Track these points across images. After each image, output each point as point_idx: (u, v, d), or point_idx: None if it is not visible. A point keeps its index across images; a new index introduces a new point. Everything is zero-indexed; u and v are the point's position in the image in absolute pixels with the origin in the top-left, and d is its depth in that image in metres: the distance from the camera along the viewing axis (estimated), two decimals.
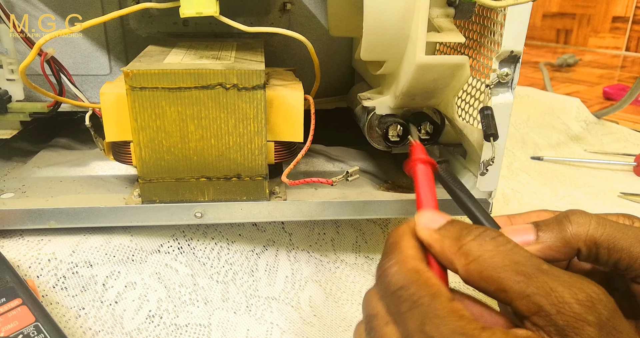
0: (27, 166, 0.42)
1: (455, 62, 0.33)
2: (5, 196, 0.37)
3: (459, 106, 0.41)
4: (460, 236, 0.22)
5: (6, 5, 0.44)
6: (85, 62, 0.49)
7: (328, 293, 0.40)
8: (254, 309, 0.37)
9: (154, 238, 0.37)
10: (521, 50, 0.33)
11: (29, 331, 0.27)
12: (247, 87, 0.32)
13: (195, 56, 0.36)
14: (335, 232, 0.43)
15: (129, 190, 0.38)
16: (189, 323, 0.35)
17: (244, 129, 0.33)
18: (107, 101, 0.33)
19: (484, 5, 0.30)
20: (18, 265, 0.33)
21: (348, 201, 0.37)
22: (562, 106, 0.88)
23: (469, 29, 0.39)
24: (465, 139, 0.39)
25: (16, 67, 0.41)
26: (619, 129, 0.84)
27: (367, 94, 0.39)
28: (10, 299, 0.28)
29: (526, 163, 0.70)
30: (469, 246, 0.21)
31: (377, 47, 0.33)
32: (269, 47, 0.51)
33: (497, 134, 0.33)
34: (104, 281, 0.34)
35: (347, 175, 0.33)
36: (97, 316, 0.33)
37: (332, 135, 0.48)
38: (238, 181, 0.35)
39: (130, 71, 0.31)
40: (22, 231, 0.36)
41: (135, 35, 0.48)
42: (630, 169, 0.69)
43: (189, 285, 0.37)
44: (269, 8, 0.49)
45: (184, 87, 0.32)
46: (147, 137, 0.33)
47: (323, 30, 0.51)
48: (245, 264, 0.39)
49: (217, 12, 0.32)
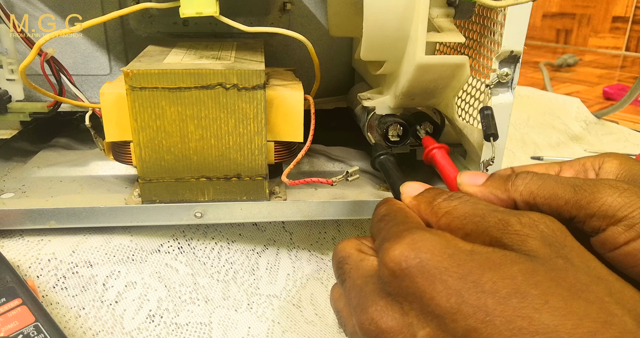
0: (27, 166, 0.42)
1: (455, 62, 0.33)
2: (5, 196, 0.37)
3: (459, 106, 0.41)
4: (433, 199, 0.25)
5: (6, 5, 0.44)
6: (85, 62, 0.49)
7: (330, 291, 0.40)
8: (255, 307, 0.37)
9: (154, 238, 0.37)
10: (521, 50, 0.33)
11: (29, 331, 0.27)
12: (247, 87, 0.32)
13: (195, 56, 0.36)
14: (336, 231, 0.43)
15: (129, 190, 0.38)
16: (190, 322, 0.35)
17: (244, 129, 0.34)
18: (107, 101, 0.33)
19: (484, 5, 0.30)
20: (18, 265, 0.33)
21: (348, 201, 0.37)
22: (562, 106, 0.88)
23: (469, 29, 0.39)
24: (465, 139, 0.39)
25: (16, 67, 0.41)
26: (619, 129, 0.84)
27: (367, 94, 0.39)
28: (10, 299, 0.28)
29: (526, 163, 0.70)
30: (440, 205, 0.24)
31: (377, 47, 0.33)
32: (269, 47, 0.51)
33: (497, 134, 0.33)
34: (104, 281, 0.34)
35: (347, 175, 0.33)
36: (97, 316, 0.33)
37: (332, 135, 0.48)
38: (238, 181, 0.35)
39: (130, 71, 0.31)
40: (22, 231, 0.36)
41: (135, 35, 0.48)
42: None
43: (189, 284, 0.37)
44: (269, 8, 0.49)
45: (184, 87, 0.32)
46: (147, 137, 0.33)
47: (323, 30, 0.51)
48: (246, 263, 0.39)
49: (217, 12, 0.32)
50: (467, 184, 0.27)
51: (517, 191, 0.25)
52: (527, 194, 0.24)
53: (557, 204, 0.23)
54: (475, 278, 0.19)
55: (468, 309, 0.18)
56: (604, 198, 0.22)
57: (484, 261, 0.19)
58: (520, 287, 0.18)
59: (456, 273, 0.19)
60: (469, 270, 0.19)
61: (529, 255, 0.20)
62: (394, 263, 0.20)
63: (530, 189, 0.24)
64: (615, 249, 0.22)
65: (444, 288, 0.19)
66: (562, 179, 0.24)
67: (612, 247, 0.22)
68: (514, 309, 0.18)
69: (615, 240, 0.22)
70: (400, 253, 0.20)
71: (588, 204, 0.22)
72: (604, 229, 0.22)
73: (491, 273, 0.19)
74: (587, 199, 0.22)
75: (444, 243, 0.20)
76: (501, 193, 0.25)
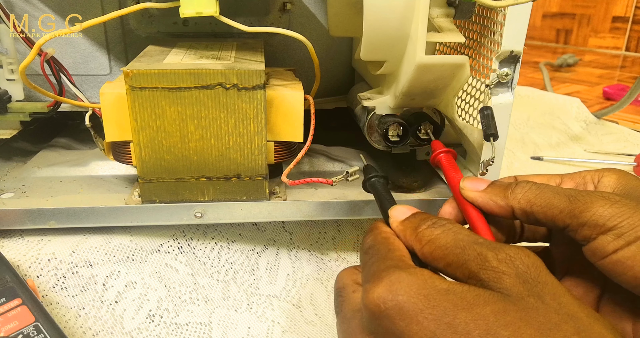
0: (27, 166, 0.42)
1: (455, 62, 0.33)
2: (5, 196, 0.37)
3: (459, 106, 0.41)
4: (418, 225, 0.25)
5: (6, 5, 0.44)
6: (85, 62, 0.49)
7: (330, 291, 0.40)
8: (255, 307, 0.37)
9: (154, 238, 0.37)
10: (521, 50, 0.33)
11: (29, 331, 0.27)
12: (247, 87, 0.32)
13: (195, 56, 0.36)
14: (336, 231, 0.43)
15: (129, 190, 0.38)
16: (190, 321, 0.35)
17: (244, 129, 0.34)
18: (107, 101, 0.33)
19: (484, 5, 0.30)
20: (18, 265, 0.33)
21: (348, 201, 0.37)
22: (562, 106, 0.88)
23: (469, 29, 0.39)
24: (465, 139, 0.39)
25: (16, 67, 0.41)
26: (619, 129, 0.84)
27: (367, 94, 0.39)
28: (10, 299, 0.28)
29: (526, 163, 0.70)
30: (423, 232, 0.25)
31: (377, 47, 0.33)
32: (269, 47, 0.51)
33: (497, 134, 0.33)
34: (104, 281, 0.34)
35: (347, 175, 0.33)
36: (97, 316, 0.33)
37: (332, 135, 0.48)
38: (238, 181, 0.35)
39: (130, 70, 0.31)
40: (22, 231, 0.36)
41: (135, 35, 0.48)
42: (631, 169, 0.69)
43: (189, 284, 0.37)
44: (269, 8, 0.49)
45: (184, 87, 0.32)
46: (147, 137, 0.33)
47: (323, 30, 0.51)
48: (246, 263, 0.39)
49: (217, 12, 0.32)
50: (469, 189, 0.28)
51: (516, 199, 0.26)
52: (525, 202, 0.25)
53: (552, 213, 0.24)
54: (449, 319, 0.20)
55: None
56: (595, 208, 0.23)
57: (458, 301, 0.20)
58: (491, 328, 0.19)
59: (431, 314, 0.20)
60: (444, 311, 0.20)
61: (503, 293, 0.20)
62: (373, 305, 0.21)
63: (528, 198, 0.25)
64: (604, 257, 0.23)
65: (420, 329, 0.20)
66: (559, 189, 0.25)
67: (602, 255, 0.23)
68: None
69: (605, 248, 0.23)
70: (379, 296, 0.21)
71: (581, 213, 0.23)
72: (594, 238, 0.23)
73: (464, 313, 0.20)
74: (580, 209, 0.23)
75: (421, 283, 0.21)
76: (500, 200, 0.26)
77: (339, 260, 0.42)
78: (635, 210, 0.22)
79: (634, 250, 0.22)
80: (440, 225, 0.25)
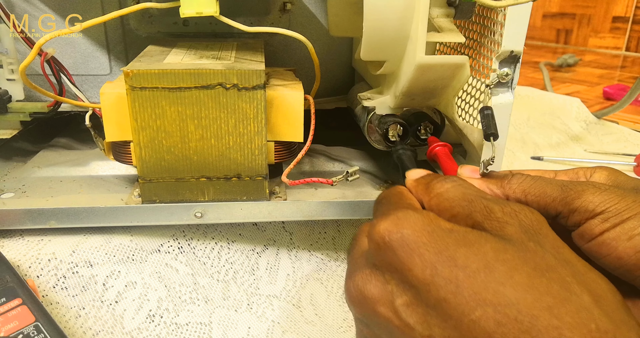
0: (27, 166, 0.42)
1: (455, 62, 0.33)
2: (5, 196, 0.37)
3: (459, 106, 0.41)
4: (429, 182, 0.27)
5: (6, 5, 0.44)
6: (85, 62, 0.49)
7: (330, 291, 0.40)
8: (255, 307, 0.37)
9: (154, 238, 0.37)
10: (521, 50, 0.33)
11: (29, 331, 0.27)
12: (247, 87, 0.32)
13: (195, 55, 0.36)
14: (336, 231, 0.43)
15: (129, 190, 0.38)
16: (190, 321, 0.35)
17: (244, 129, 0.34)
18: (107, 101, 0.33)
19: (484, 5, 0.30)
20: (18, 265, 0.33)
21: (348, 201, 0.37)
22: (562, 106, 0.88)
23: (469, 29, 0.39)
24: (465, 139, 0.39)
25: (16, 67, 0.41)
26: (619, 129, 0.84)
27: (367, 94, 0.39)
28: (10, 299, 0.28)
29: (526, 163, 0.70)
30: (434, 185, 0.26)
31: (377, 47, 0.33)
32: (269, 47, 0.51)
33: (497, 134, 0.33)
34: (104, 281, 0.34)
35: (347, 175, 0.33)
36: (97, 316, 0.33)
37: (332, 135, 0.48)
38: (238, 181, 0.35)
39: (130, 70, 0.31)
40: (22, 231, 0.36)
41: (135, 35, 0.48)
42: (631, 169, 0.69)
43: (189, 284, 0.37)
44: (269, 8, 0.49)
45: (184, 87, 0.32)
46: (147, 137, 0.33)
47: (323, 30, 0.51)
48: (246, 263, 0.39)
49: (217, 12, 0.32)
50: (466, 176, 0.29)
51: (512, 188, 0.27)
52: (520, 192, 0.26)
53: (546, 201, 0.25)
54: (450, 253, 0.20)
55: (440, 281, 0.20)
56: (586, 196, 0.24)
57: (460, 239, 0.21)
58: (489, 263, 0.20)
59: (433, 248, 0.21)
60: (445, 246, 0.21)
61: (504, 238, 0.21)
62: (378, 236, 0.22)
63: (523, 188, 0.26)
64: (591, 240, 0.24)
65: (421, 261, 0.21)
66: (553, 180, 0.26)
67: (589, 238, 0.24)
68: (481, 282, 0.19)
69: (592, 231, 0.24)
70: (384, 228, 0.22)
71: (572, 201, 0.24)
72: (583, 222, 0.24)
73: (465, 249, 0.20)
74: (572, 197, 0.24)
75: (426, 221, 0.22)
76: (496, 189, 0.27)
77: (339, 260, 0.42)
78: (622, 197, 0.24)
79: (619, 231, 0.23)
80: (451, 180, 0.26)
